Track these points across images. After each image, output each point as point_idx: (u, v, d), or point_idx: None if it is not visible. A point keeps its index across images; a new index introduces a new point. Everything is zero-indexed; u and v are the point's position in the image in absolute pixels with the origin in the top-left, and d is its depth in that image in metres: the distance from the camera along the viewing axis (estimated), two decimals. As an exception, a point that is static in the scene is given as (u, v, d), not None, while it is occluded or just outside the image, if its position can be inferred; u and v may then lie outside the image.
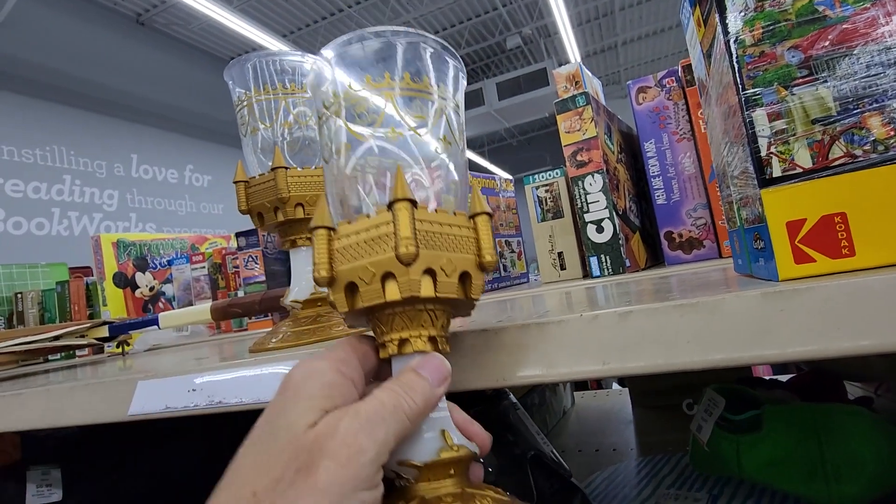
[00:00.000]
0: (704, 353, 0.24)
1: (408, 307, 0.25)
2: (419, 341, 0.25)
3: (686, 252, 0.69)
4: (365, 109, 0.27)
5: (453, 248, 0.25)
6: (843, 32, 0.25)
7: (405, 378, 0.24)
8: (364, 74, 0.27)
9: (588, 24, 5.73)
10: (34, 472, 0.58)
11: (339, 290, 0.25)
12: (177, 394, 0.36)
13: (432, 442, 0.25)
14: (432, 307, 0.25)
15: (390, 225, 0.24)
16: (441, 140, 0.27)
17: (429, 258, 0.24)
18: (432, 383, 0.25)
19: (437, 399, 0.25)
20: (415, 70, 0.27)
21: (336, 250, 0.25)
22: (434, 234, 0.25)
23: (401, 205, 0.24)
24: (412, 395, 0.24)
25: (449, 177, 0.28)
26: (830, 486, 0.48)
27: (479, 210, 0.27)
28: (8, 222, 3.26)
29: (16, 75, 3.41)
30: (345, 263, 0.25)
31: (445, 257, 0.25)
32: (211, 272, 1.10)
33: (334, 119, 0.27)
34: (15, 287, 1.22)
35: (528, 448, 0.49)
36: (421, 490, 0.24)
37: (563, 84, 0.78)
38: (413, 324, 0.25)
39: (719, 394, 0.57)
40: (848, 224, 0.25)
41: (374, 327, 0.27)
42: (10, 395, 0.43)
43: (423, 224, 0.24)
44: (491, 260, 0.26)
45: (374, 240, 0.24)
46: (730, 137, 0.31)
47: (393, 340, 0.26)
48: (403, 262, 0.23)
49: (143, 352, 0.80)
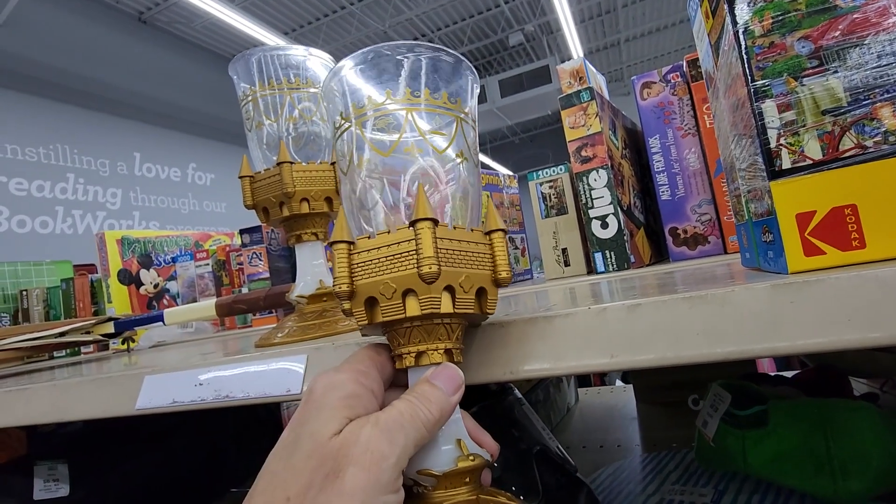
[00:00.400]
0: (714, 345, 0.24)
1: (426, 321, 0.26)
2: (436, 354, 0.26)
3: (691, 248, 0.69)
4: (385, 125, 0.28)
5: (471, 265, 0.26)
6: (854, 22, 0.25)
7: (421, 389, 0.25)
8: (384, 89, 0.28)
9: (591, 20, 5.71)
10: (41, 467, 0.58)
11: (360, 304, 0.26)
12: (184, 388, 0.36)
13: (450, 452, 0.26)
14: (449, 321, 0.26)
15: (411, 243, 0.25)
16: (458, 156, 0.28)
17: (449, 276, 0.25)
18: (447, 393, 0.26)
19: (451, 408, 0.26)
20: (434, 85, 0.28)
21: (356, 264, 0.26)
22: (453, 251, 0.25)
23: (423, 224, 0.24)
24: (428, 406, 0.25)
25: (465, 192, 0.28)
26: (836, 482, 0.48)
27: (494, 227, 0.27)
28: (12, 220, 3.28)
29: (19, 73, 3.41)
30: (365, 278, 0.26)
31: (464, 274, 0.26)
32: (215, 269, 1.10)
33: (352, 132, 0.28)
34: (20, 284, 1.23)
35: (534, 443, 0.49)
36: (438, 497, 0.26)
37: (567, 80, 0.78)
38: (430, 337, 0.26)
39: (725, 389, 0.57)
40: (858, 216, 0.24)
41: (391, 339, 0.27)
42: (17, 389, 0.43)
43: (443, 242, 0.25)
44: (506, 276, 0.27)
45: (396, 256, 0.25)
46: (738, 130, 0.31)
47: (410, 353, 0.26)
48: (426, 281, 0.24)
49: (148, 348, 0.81)
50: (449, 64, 0.28)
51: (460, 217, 0.28)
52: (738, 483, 0.57)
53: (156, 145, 4.30)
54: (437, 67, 0.28)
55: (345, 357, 0.33)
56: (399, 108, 0.27)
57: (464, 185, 0.28)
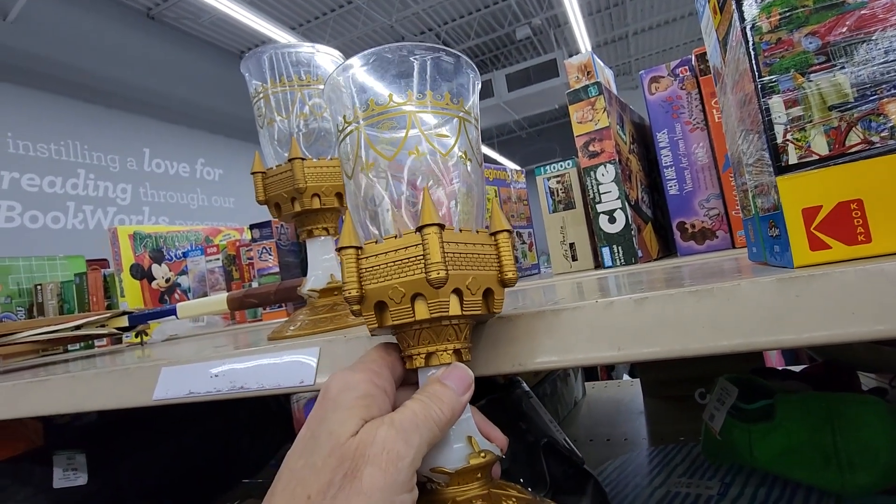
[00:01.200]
0: (720, 338, 0.25)
1: (435, 324, 0.26)
2: (445, 355, 0.27)
3: (699, 242, 0.69)
4: (389, 126, 0.28)
5: (477, 267, 0.26)
6: (862, 18, 0.25)
7: (433, 389, 0.26)
8: (387, 91, 0.28)
9: (598, 13, 5.67)
10: (60, 457, 0.59)
11: (369, 308, 0.26)
12: (200, 379, 0.37)
13: (461, 449, 0.27)
14: (457, 322, 0.27)
15: (419, 247, 0.25)
16: (462, 156, 0.28)
17: (456, 279, 0.25)
18: (458, 392, 0.26)
19: (462, 406, 0.27)
20: (436, 86, 0.28)
21: (364, 269, 0.26)
22: (460, 254, 0.26)
23: (430, 230, 0.25)
24: (440, 406, 0.25)
25: (470, 190, 0.28)
26: (844, 476, 0.48)
27: (499, 227, 0.28)
28: (25, 216, 3.32)
29: (29, 70, 3.45)
30: (374, 283, 0.26)
31: (471, 276, 0.26)
32: (225, 264, 1.11)
33: (356, 135, 0.28)
34: (34, 279, 1.25)
35: (541, 435, 0.49)
36: (451, 493, 0.26)
37: (575, 74, 0.78)
38: (439, 338, 0.27)
39: (731, 383, 0.57)
40: (864, 210, 0.25)
41: (401, 340, 0.28)
42: (38, 380, 0.44)
43: (450, 245, 0.25)
44: (512, 276, 0.27)
45: (404, 261, 0.25)
46: (745, 125, 0.31)
47: (420, 354, 0.27)
48: (434, 286, 0.24)
49: (161, 342, 0.82)
50: (450, 63, 0.29)
51: (466, 216, 0.28)
52: (744, 476, 0.57)
53: (164, 141, 4.34)
54: (438, 68, 0.28)
55: (356, 349, 0.34)
56: (403, 109, 0.28)
57: (468, 184, 0.28)
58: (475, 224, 0.28)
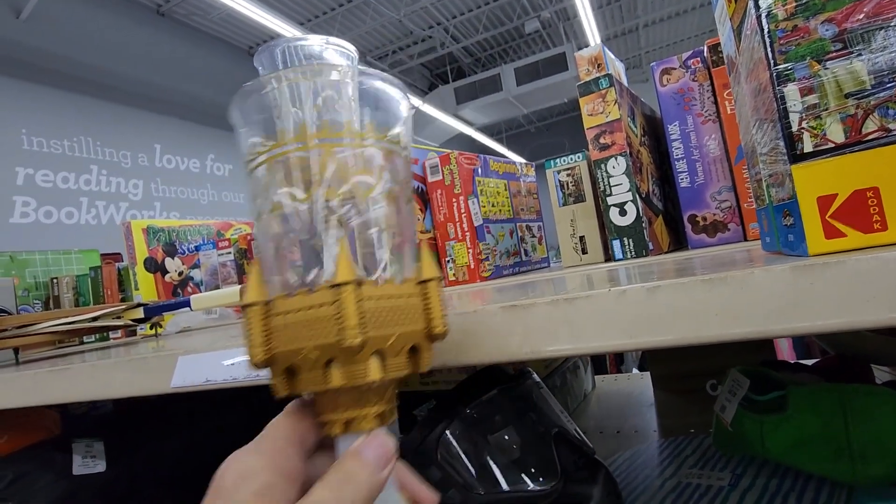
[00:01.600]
0: (733, 325, 0.25)
1: (353, 389, 0.23)
2: (365, 422, 0.24)
3: (710, 235, 0.69)
4: (298, 166, 0.24)
5: (402, 322, 0.23)
6: (880, 4, 0.25)
7: (347, 467, 0.23)
8: (297, 124, 0.24)
9: (608, 6, 5.62)
10: (79, 444, 0.61)
11: (278, 373, 0.23)
12: (216, 368, 0.37)
13: None
14: (379, 385, 0.23)
15: (333, 306, 0.21)
16: (385, 196, 0.25)
17: (377, 341, 0.22)
18: (377, 469, 0.23)
19: (381, 484, 0.23)
20: (357, 116, 0.25)
21: (272, 329, 0.23)
22: (382, 309, 0.22)
23: (345, 288, 0.21)
24: (355, 488, 0.22)
25: (396, 236, 0.25)
26: (856, 467, 0.48)
27: (428, 276, 0.25)
28: (39, 211, 3.37)
29: (42, 67, 3.49)
30: (283, 345, 0.22)
31: (394, 335, 0.23)
32: (237, 257, 1.13)
33: (262, 173, 0.25)
34: (50, 272, 1.27)
35: (552, 425, 0.49)
36: None
37: (586, 66, 0.78)
38: (359, 403, 0.23)
39: (743, 375, 0.57)
40: (880, 198, 0.25)
41: (317, 403, 0.25)
42: (58, 369, 0.45)
43: (370, 302, 0.22)
44: (443, 331, 0.24)
45: (316, 321, 0.22)
46: (760, 114, 0.31)
47: (338, 421, 0.24)
48: (351, 353, 0.22)
49: (175, 333, 0.83)
50: (375, 90, 0.26)
51: (391, 269, 0.24)
52: (755, 467, 0.57)
53: (175, 137, 4.37)
54: (362, 95, 0.25)
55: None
56: (314, 144, 0.24)
57: (392, 229, 0.25)
58: (403, 271, 0.25)
